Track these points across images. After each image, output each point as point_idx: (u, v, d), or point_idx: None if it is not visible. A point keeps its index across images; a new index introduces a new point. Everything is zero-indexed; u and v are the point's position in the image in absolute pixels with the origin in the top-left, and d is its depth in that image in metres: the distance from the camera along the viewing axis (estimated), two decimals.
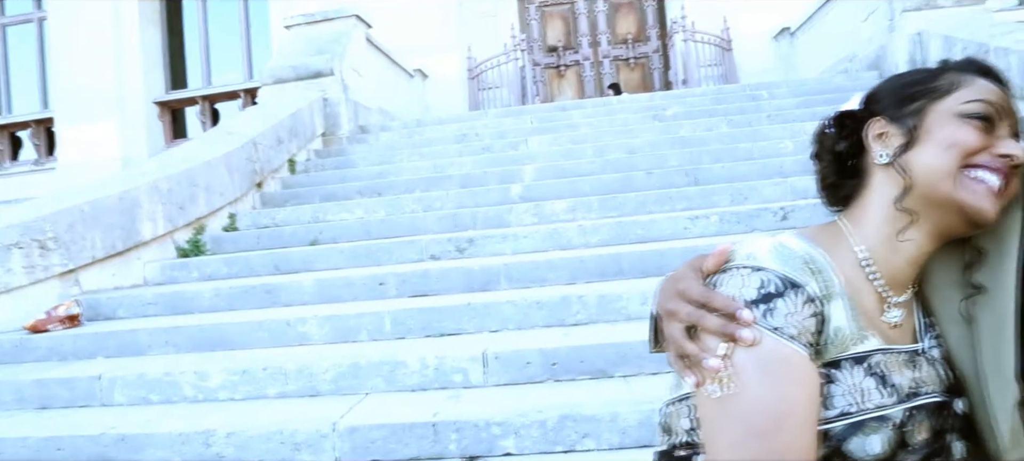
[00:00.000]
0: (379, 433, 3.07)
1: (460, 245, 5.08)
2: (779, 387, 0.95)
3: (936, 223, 1.09)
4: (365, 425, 3.10)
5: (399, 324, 4.03)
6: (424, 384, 3.49)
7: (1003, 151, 1.07)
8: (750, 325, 0.96)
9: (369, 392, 3.53)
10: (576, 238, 4.98)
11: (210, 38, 16.00)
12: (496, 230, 5.31)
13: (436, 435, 3.03)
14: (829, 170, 1.21)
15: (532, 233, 5.09)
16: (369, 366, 3.55)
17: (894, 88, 1.17)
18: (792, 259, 1.02)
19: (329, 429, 3.10)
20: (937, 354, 1.13)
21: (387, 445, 3.06)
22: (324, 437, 3.10)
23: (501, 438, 2.97)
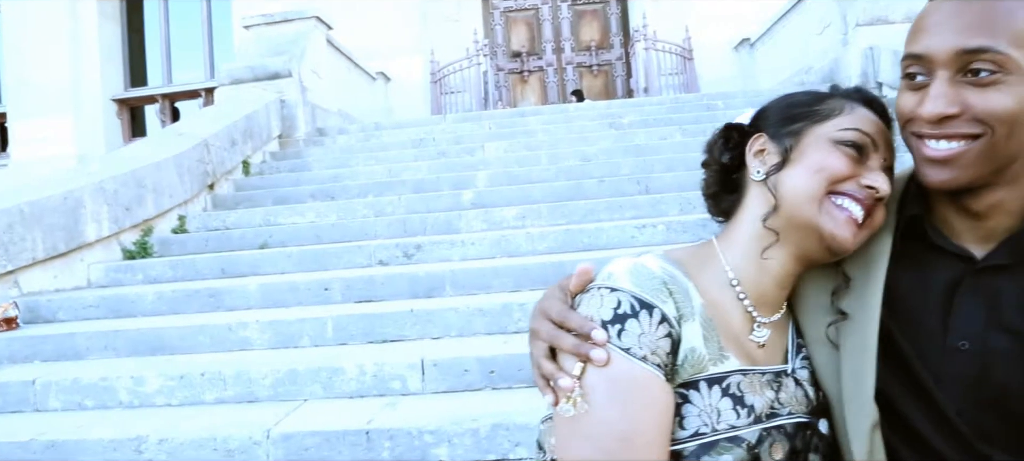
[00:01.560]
0: (313, 440, 3.06)
1: (408, 251, 5.08)
2: (628, 407, 0.96)
3: (798, 245, 1.11)
4: (299, 432, 3.09)
5: (341, 330, 4.02)
6: (362, 391, 3.48)
7: (869, 182, 1.09)
8: (602, 345, 0.97)
9: (307, 398, 3.51)
10: (524, 245, 5.00)
11: (171, 36, 15.83)
12: (445, 236, 5.32)
13: (369, 443, 3.03)
14: (713, 180, 1.23)
15: (480, 240, 5.10)
16: (308, 372, 3.54)
17: (781, 107, 1.19)
18: (649, 280, 1.03)
19: (262, 436, 3.08)
20: (805, 375, 1.15)
21: (320, 452, 3.05)
22: (257, 444, 3.08)
23: (434, 446, 2.98)
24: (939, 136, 1.03)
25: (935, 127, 1.03)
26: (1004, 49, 0.98)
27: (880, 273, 1.12)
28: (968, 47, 0.99)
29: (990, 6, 1.00)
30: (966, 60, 1.00)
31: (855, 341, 1.10)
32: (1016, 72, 0.99)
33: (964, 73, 1.01)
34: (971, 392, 1.07)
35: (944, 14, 1.03)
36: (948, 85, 1.01)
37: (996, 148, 1.01)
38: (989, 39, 0.98)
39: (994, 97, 0.99)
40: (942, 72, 1.02)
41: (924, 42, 1.03)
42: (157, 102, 15.42)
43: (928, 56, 1.03)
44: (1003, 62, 0.98)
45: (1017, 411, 1.05)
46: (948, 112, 1.01)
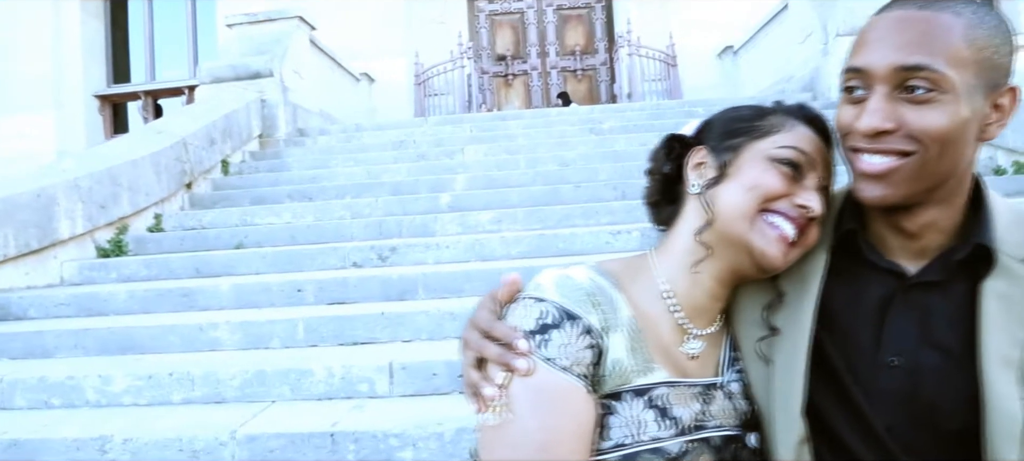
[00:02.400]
0: (278, 442, 3.06)
1: (383, 253, 5.08)
2: (548, 418, 0.97)
3: (729, 261, 1.12)
4: (264, 434, 3.09)
5: (312, 332, 4.01)
6: (330, 393, 3.48)
7: (802, 202, 1.10)
8: (526, 355, 0.99)
9: (275, 400, 3.51)
10: (498, 249, 5.01)
11: (155, 33, 15.73)
12: (420, 239, 5.32)
13: (334, 445, 3.03)
14: (655, 189, 1.23)
15: (455, 243, 5.11)
16: (276, 374, 3.53)
17: (723, 121, 1.19)
18: (574, 291, 1.04)
19: (228, 437, 3.08)
20: (737, 388, 1.16)
21: (285, 454, 3.05)
22: (223, 445, 3.08)
23: (399, 450, 2.99)
24: (874, 151, 1.04)
25: (871, 142, 1.03)
26: (940, 68, 0.99)
27: (814, 290, 1.13)
28: (905, 64, 1.00)
29: (930, 24, 1.01)
30: (903, 76, 1.00)
31: (786, 357, 1.11)
32: (951, 91, 0.99)
33: (901, 89, 1.01)
34: (902, 408, 1.08)
35: (885, 29, 1.03)
36: (885, 100, 1.02)
37: (928, 166, 1.02)
38: (926, 57, 0.99)
39: (929, 115, 1.00)
40: (880, 87, 1.02)
41: (864, 56, 1.04)
42: (140, 99, 15.33)
43: (867, 70, 1.03)
44: (939, 81, 0.99)
45: (946, 427, 1.06)
46: (884, 127, 1.01)
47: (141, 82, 15.59)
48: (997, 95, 1.04)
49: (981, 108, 1.03)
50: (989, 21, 1.03)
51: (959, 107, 1.00)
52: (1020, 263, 1.06)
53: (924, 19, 1.01)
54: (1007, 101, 1.06)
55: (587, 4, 15.13)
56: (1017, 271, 1.06)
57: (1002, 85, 1.04)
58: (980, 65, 1.01)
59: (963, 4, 1.03)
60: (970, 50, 1.00)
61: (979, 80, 1.01)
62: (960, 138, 1.02)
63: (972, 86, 1.01)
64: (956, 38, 1.00)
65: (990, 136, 1.06)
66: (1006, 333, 1.03)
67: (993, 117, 1.05)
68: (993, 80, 1.03)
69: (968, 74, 1.00)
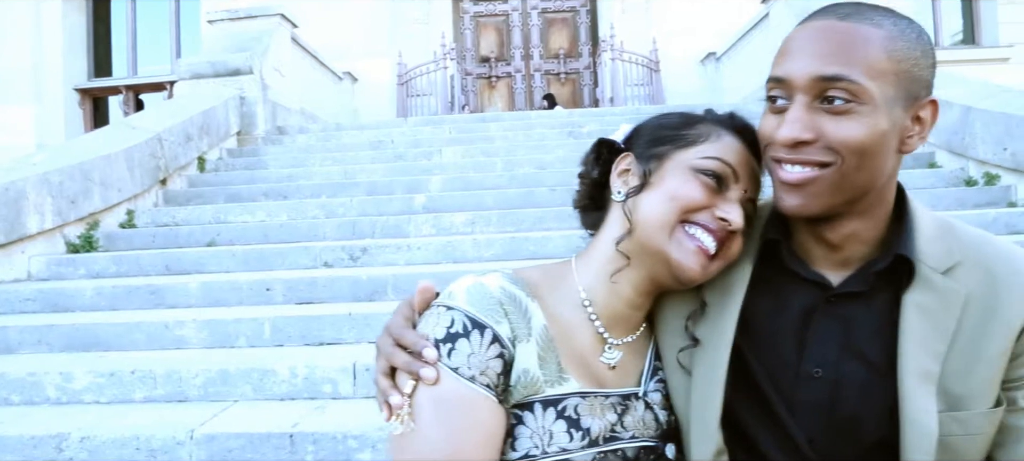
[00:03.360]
0: (237, 442, 3.05)
1: (354, 254, 5.07)
2: (453, 427, 0.96)
3: (648, 270, 1.10)
4: (223, 433, 3.07)
5: (279, 331, 4.00)
6: (293, 393, 3.47)
7: (722, 214, 1.08)
8: (432, 364, 0.98)
9: (238, 400, 3.49)
10: (470, 251, 5.01)
11: (138, 28, 15.64)
12: (393, 240, 5.31)
13: (293, 446, 3.02)
14: (584, 193, 1.22)
15: (428, 244, 5.10)
16: (239, 373, 3.51)
17: (652, 128, 1.17)
18: (485, 299, 1.03)
19: (186, 437, 3.06)
20: (657, 398, 1.14)
21: (244, 454, 3.03)
22: (180, 444, 3.06)
23: (358, 451, 2.98)
24: (794, 161, 1.03)
25: (790, 152, 1.03)
26: (858, 79, 0.98)
27: (736, 301, 1.12)
28: (824, 74, 0.99)
29: (849, 36, 1.00)
30: (822, 87, 1.00)
31: (706, 368, 1.10)
32: (870, 103, 0.99)
33: (820, 100, 1.00)
34: (824, 419, 1.07)
35: (805, 40, 1.03)
36: (804, 111, 1.01)
37: (847, 178, 1.02)
38: (844, 68, 0.99)
39: (847, 126, 0.99)
40: (800, 97, 1.01)
41: (785, 66, 1.03)
42: (121, 94, 15.23)
43: (788, 80, 1.03)
44: (857, 92, 0.98)
45: (867, 440, 1.06)
46: (802, 137, 1.01)
47: (123, 76, 15.49)
48: (917, 107, 1.04)
49: (901, 120, 1.03)
50: (909, 34, 1.03)
51: (878, 119, 1.00)
52: (941, 275, 1.06)
53: (844, 30, 1.01)
54: (927, 114, 1.05)
55: (572, 8, 15.14)
56: (938, 283, 1.05)
57: (922, 98, 1.04)
58: (899, 77, 1.00)
59: (883, 16, 1.03)
60: (889, 62, 1.00)
61: (898, 92, 1.01)
62: (879, 150, 1.01)
63: (891, 98, 1.00)
64: (875, 49, 1.00)
65: (910, 148, 1.06)
66: (925, 346, 1.03)
67: (913, 130, 1.05)
68: (913, 92, 1.02)
69: (887, 86, 1.00)
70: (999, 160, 5.91)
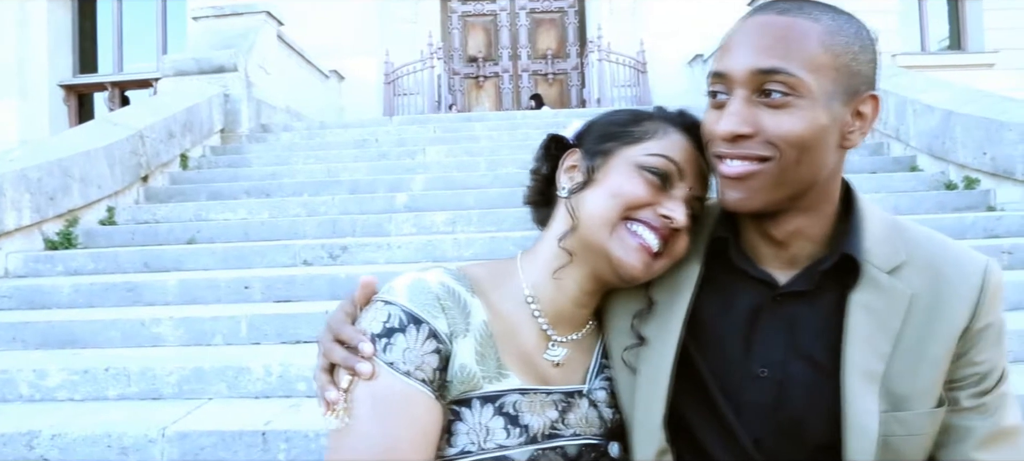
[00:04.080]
0: (209, 440, 3.03)
1: (334, 252, 5.05)
2: (388, 422, 0.96)
3: (591, 268, 1.10)
4: (195, 431, 3.06)
5: (255, 329, 3.98)
6: (267, 392, 3.46)
7: (665, 212, 1.07)
8: (369, 359, 0.97)
9: (212, 398, 3.48)
10: (450, 251, 5.00)
11: (124, 24, 15.56)
12: (373, 239, 5.29)
13: (265, 444, 3.01)
14: (535, 189, 1.22)
15: (408, 243, 5.09)
16: (214, 371, 3.50)
17: (600, 124, 1.17)
18: (423, 294, 1.03)
19: (158, 434, 3.04)
20: (603, 396, 1.13)
21: (215, 453, 3.02)
22: (152, 442, 3.05)
23: None
24: (734, 156, 1.02)
25: (730, 146, 1.02)
26: (796, 72, 0.98)
27: (684, 301, 1.11)
28: (761, 67, 0.99)
29: (787, 29, 1.00)
30: (760, 80, 0.99)
31: (651, 367, 1.10)
32: (808, 96, 0.99)
33: (759, 94, 1.00)
34: (769, 420, 1.07)
35: (745, 34, 1.03)
36: (743, 104, 1.01)
37: (787, 172, 1.01)
38: (782, 61, 0.98)
39: (786, 120, 0.99)
40: (739, 91, 1.01)
41: (725, 61, 1.03)
42: (107, 90, 15.14)
43: (727, 74, 1.02)
44: (795, 85, 0.98)
45: (812, 441, 1.05)
46: (740, 131, 1.00)
47: (109, 73, 15.41)
48: (858, 102, 1.04)
49: (841, 115, 1.02)
50: (848, 29, 1.03)
51: (817, 113, 0.99)
52: (888, 275, 1.06)
53: (782, 24, 1.01)
54: (868, 109, 1.05)
55: (560, 8, 15.16)
56: (884, 283, 1.05)
57: (862, 92, 1.04)
58: (838, 71, 1.00)
59: (822, 11, 1.02)
60: (828, 56, 1.00)
61: (837, 86, 1.01)
62: (818, 144, 1.01)
63: (830, 92, 1.00)
64: (813, 43, 0.99)
65: (852, 144, 1.05)
66: (870, 346, 1.03)
67: (854, 125, 1.04)
68: (853, 87, 1.02)
69: (826, 80, 0.99)
70: (979, 164, 5.95)
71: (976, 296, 1.04)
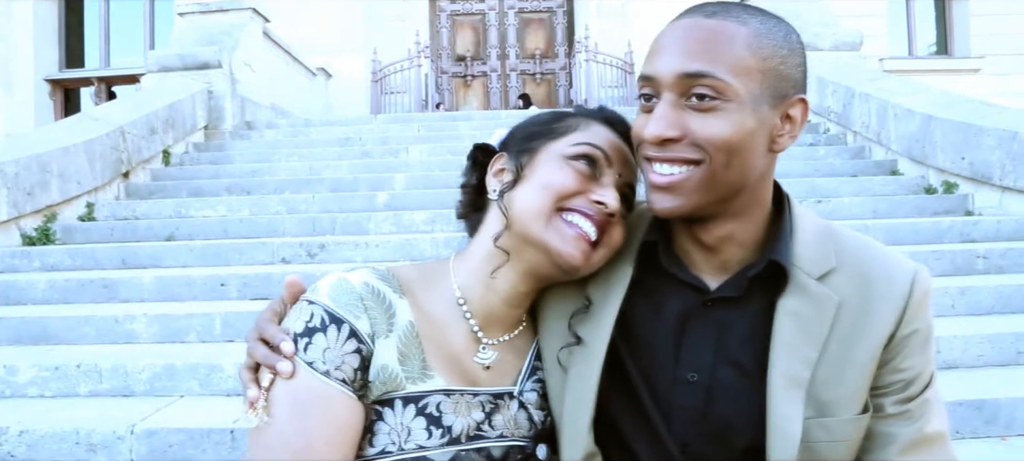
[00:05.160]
0: (177, 437, 3.03)
1: (312, 250, 5.04)
2: (305, 421, 0.96)
3: (528, 264, 1.09)
4: (165, 429, 3.05)
5: (230, 327, 3.97)
6: (239, 389, 3.42)
7: (598, 198, 1.08)
8: (289, 358, 0.98)
9: (183, 395, 3.47)
10: (428, 250, 4.99)
11: (111, 19, 15.48)
12: (352, 237, 5.29)
13: (234, 442, 3.00)
14: (466, 201, 1.22)
15: (386, 242, 5.08)
16: (186, 368, 3.50)
17: (523, 126, 1.18)
18: (346, 294, 1.03)
19: (126, 432, 3.04)
20: (533, 398, 1.14)
21: (184, 450, 3.01)
22: (121, 439, 3.04)
23: None
24: (662, 160, 1.02)
25: (658, 150, 1.02)
26: (722, 76, 0.97)
27: (615, 301, 1.11)
28: (688, 71, 0.99)
29: (714, 33, 1.00)
30: (688, 84, 0.99)
31: (581, 368, 1.09)
32: (735, 100, 0.98)
33: (687, 97, 0.99)
34: (698, 425, 1.07)
35: (672, 38, 1.02)
36: (671, 108, 1.00)
37: (716, 176, 1.01)
38: (708, 65, 0.98)
39: (713, 123, 0.98)
40: (667, 95, 1.01)
41: (653, 64, 1.03)
42: (93, 85, 15.06)
43: (655, 78, 1.02)
44: (722, 89, 0.98)
45: (738, 446, 1.05)
46: (668, 135, 1.00)
47: (95, 68, 15.32)
48: (786, 106, 1.03)
49: (769, 119, 1.02)
50: (777, 32, 1.02)
51: (744, 116, 0.99)
52: (816, 281, 1.05)
53: (709, 27, 1.00)
54: (797, 112, 1.04)
55: (549, 9, 15.16)
56: (812, 289, 1.05)
57: (791, 96, 1.03)
58: (765, 75, 1.00)
59: (751, 15, 1.02)
60: (755, 59, 0.99)
61: (765, 90, 1.00)
62: (746, 147, 1.00)
63: (757, 96, 1.00)
64: (740, 47, 0.99)
65: (781, 147, 1.05)
66: (796, 352, 1.03)
67: (784, 128, 1.04)
68: (781, 90, 1.02)
69: (753, 83, 0.99)
70: (958, 169, 5.98)
71: (903, 303, 1.04)
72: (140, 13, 15.34)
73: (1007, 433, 3.05)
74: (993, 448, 2.95)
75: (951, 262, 4.62)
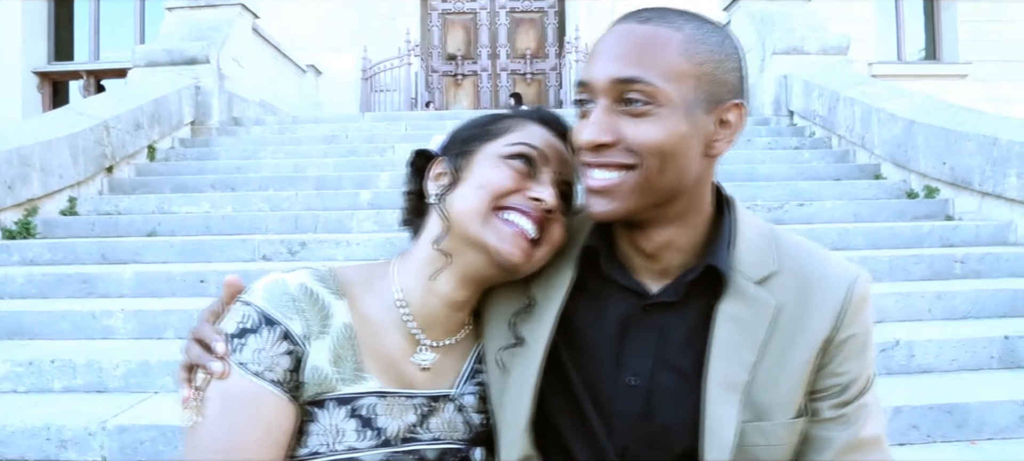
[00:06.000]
0: (148, 434, 3.02)
1: (293, 248, 5.04)
2: (234, 421, 0.97)
3: (468, 265, 1.10)
4: (136, 425, 3.05)
5: None
6: None
7: (535, 195, 1.08)
8: (222, 358, 0.98)
9: (158, 391, 3.47)
10: None
11: (102, 12, 15.43)
12: (333, 235, 5.29)
13: None
14: (409, 207, 1.22)
15: (368, 241, 5.08)
16: (160, 364, 3.49)
17: (462, 129, 1.19)
18: (280, 296, 1.03)
19: (98, 428, 3.03)
20: (472, 401, 1.14)
21: (155, 447, 3.01)
22: (92, 435, 3.03)
23: None
24: (597, 165, 1.02)
25: (593, 155, 1.02)
26: (655, 81, 0.98)
27: (556, 304, 1.11)
28: (621, 76, 0.99)
29: (648, 38, 1.00)
30: (621, 89, 0.99)
31: (521, 369, 1.09)
32: (668, 105, 0.99)
33: (621, 102, 1.00)
34: (638, 429, 1.07)
35: (607, 44, 1.03)
36: (605, 113, 1.00)
37: (650, 181, 1.01)
38: (640, 70, 0.98)
39: (646, 128, 0.99)
40: (601, 100, 1.01)
41: (588, 70, 1.03)
42: (82, 78, 15.01)
43: (590, 84, 1.02)
44: (654, 94, 0.98)
45: (676, 450, 1.06)
46: (601, 140, 1.00)
47: (84, 61, 15.27)
48: (722, 110, 1.03)
49: (704, 124, 1.02)
50: (711, 38, 1.03)
51: (678, 121, 0.99)
52: (755, 285, 1.06)
53: (643, 33, 1.01)
54: (734, 117, 1.04)
55: (540, 9, 15.18)
56: (752, 293, 1.05)
57: (726, 101, 1.03)
58: (700, 80, 1.00)
59: (686, 20, 1.03)
60: (689, 64, 1.00)
61: (699, 95, 1.00)
62: (681, 152, 1.01)
63: (692, 101, 1.00)
64: (673, 52, 1.00)
65: (718, 152, 1.05)
66: (733, 356, 1.03)
67: (720, 133, 1.04)
68: (716, 95, 1.02)
69: (686, 88, 1.00)
70: (939, 174, 6.02)
71: (839, 308, 1.05)
72: (131, 7, 15.29)
73: (977, 437, 3.07)
74: (962, 452, 2.97)
75: (930, 266, 4.65)
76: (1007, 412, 3.09)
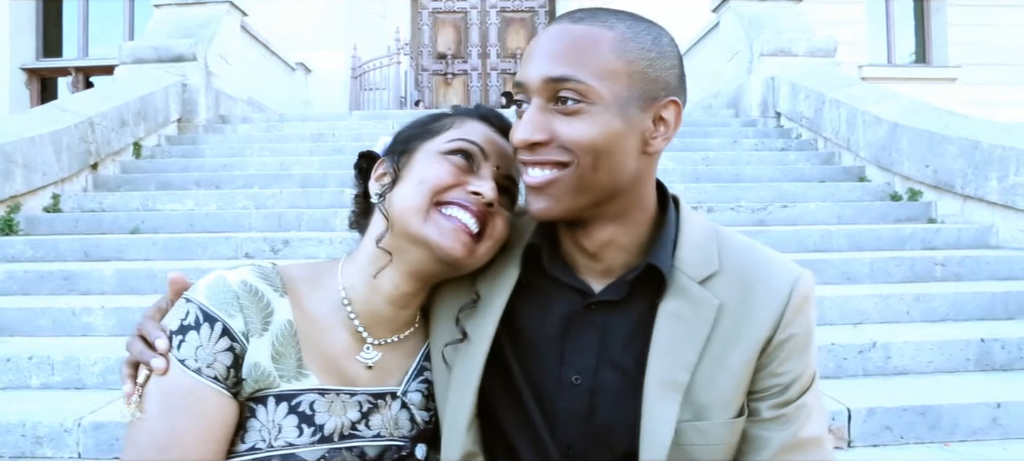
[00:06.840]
0: (124, 431, 3.00)
1: (275, 246, 5.03)
2: (173, 418, 0.98)
3: (411, 262, 1.11)
4: (113, 422, 3.04)
5: None
6: None
7: (474, 189, 1.09)
8: (163, 354, 0.99)
9: None
10: None
11: (90, 8, 15.37)
12: (316, 234, 5.28)
13: None
14: (357, 209, 1.24)
15: (351, 239, 5.02)
16: None
17: (403, 130, 1.20)
18: (221, 293, 1.04)
19: (74, 424, 3.02)
20: (417, 399, 1.15)
21: None
22: (67, 432, 3.03)
23: None
24: (533, 163, 1.04)
25: (528, 153, 1.03)
26: (586, 79, 0.99)
27: (499, 301, 1.12)
28: (552, 75, 1.00)
29: (580, 38, 1.01)
30: (553, 88, 1.00)
31: (464, 366, 1.10)
32: (599, 103, 0.99)
33: (554, 101, 1.01)
34: (581, 427, 1.08)
35: (541, 44, 1.04)
36: (538, 112, 1.02)
37: (585, 178, 1.02)
38: (572, 69, 0.99)
39: (578, 126, 1.00)
40: (535, 99, 1.02)
41: (523, 70, 1.04)
42: (70, 75, 14.95)
43: (524, 83, 1.04)
44: (586, 92, 0.99)
45: (619, 449, 1.06)
46: (534, 138, 1.01)
47: (73, 57, 15.21)
48: (658, 108, 1.04)
49: (639, 121, 1.03)
50: (645, 36, 1.04)
51: (611, 119, 1.00)
52: (698, 284, 1.07)
53: (576, 32, 1.02)
54: (671, 115, 1.05)
55: (530, 8, 15.20)
56: (693, 292, 1.06)
57: (661, 98, 1.04)
58: (633, 78, 1.01)
59: (619, 19, 1.04)
60: (621, 62, 1.01)
61: (633, 92, 1.01)
62: (614, 149, 1.02)
63: (625, 98, 1.01)
64: (605, 51, 1.00)
65: (655, 149, 1.06)
66: (673, 355, 1.04)
67: (657, 131, 1.05)
68: (651, 93, 1.03)
69: (619, 86, 1.01)
70: (922, 177, 6.05)
71: (781, 308, 1.06)
72: (119, 4, 15.24)
73: (950, 439, 3.09)
74: (935, 453, 2.99)
75: (911, 269, 4.67)
76: (980, 414, 3.11)
